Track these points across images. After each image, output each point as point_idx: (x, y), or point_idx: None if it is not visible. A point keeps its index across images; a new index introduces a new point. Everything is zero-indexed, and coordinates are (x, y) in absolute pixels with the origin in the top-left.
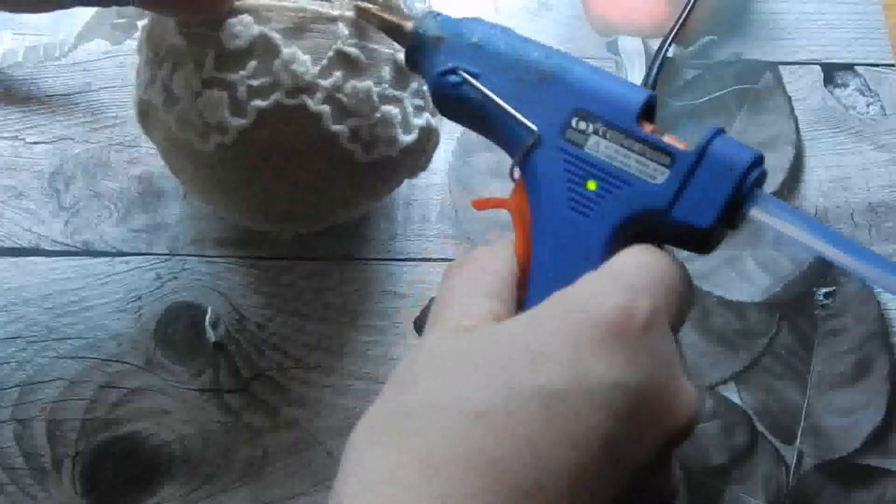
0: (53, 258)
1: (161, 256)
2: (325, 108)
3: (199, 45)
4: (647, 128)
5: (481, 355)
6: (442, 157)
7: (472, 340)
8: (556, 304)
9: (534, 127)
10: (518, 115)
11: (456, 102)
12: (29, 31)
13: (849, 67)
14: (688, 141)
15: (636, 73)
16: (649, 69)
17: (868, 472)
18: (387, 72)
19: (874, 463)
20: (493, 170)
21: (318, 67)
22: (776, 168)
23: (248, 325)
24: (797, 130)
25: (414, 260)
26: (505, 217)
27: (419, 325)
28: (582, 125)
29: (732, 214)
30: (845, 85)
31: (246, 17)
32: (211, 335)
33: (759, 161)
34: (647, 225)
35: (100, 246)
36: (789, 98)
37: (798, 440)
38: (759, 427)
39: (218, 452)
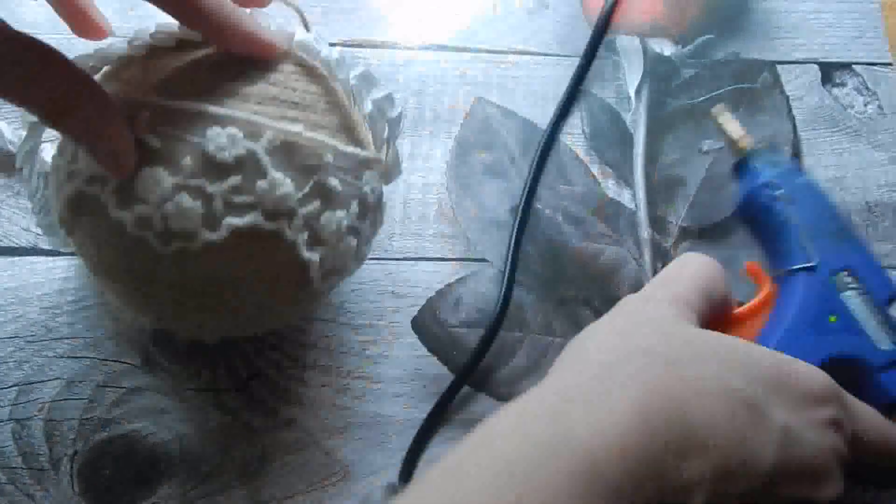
0: (51, 257)
1: None
2: (303, 235)
3: (175, 147)
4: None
5: (730, 351)
6: (440, 157)
7: (696, 335)
8: (775, 353)
9: (817, 259)
10: (808, 246)
11: (762, 209)
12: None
13: (847, 67)
14: None
15: (634, 73)
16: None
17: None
18: (354, 206)
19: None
20: (491, 169)
21: (301, 194)
22: None
23: None
24: (795, 130)
25: (411, 259)
26: (502, 217)
27: (417, 326)
28: (848, 279)
29: None
30: (843, 84)
31: (234, 131)
32: None
33: None
34: (852, 370)
35: None
36: (787, 97)
37: None
38: None
39: (216, 452)
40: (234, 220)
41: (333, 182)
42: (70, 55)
